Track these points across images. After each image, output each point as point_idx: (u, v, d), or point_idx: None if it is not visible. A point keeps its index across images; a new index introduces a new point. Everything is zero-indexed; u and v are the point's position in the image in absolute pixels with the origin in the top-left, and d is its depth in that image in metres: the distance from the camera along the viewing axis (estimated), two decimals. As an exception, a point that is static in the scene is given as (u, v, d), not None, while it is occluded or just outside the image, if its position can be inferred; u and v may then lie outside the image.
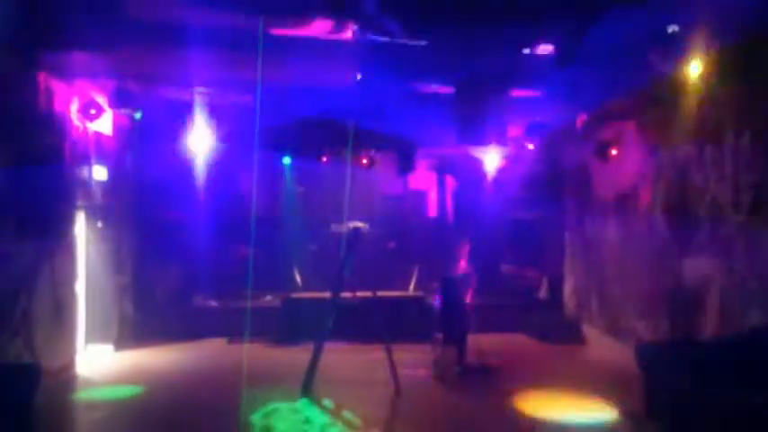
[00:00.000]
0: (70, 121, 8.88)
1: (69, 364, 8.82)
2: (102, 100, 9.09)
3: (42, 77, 8.15)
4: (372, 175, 13.58)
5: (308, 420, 7.19)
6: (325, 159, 12.64)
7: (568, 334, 11.36)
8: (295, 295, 12.05)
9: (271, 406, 7.55)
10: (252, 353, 10.42)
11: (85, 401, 7.74)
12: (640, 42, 6.91)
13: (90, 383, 8.48)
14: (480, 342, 9.66)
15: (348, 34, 7.10)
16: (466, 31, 6.92)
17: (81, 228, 9.56)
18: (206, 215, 12.37)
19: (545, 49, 7.39)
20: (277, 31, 7.02)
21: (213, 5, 6.42)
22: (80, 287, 9.43)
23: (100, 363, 9.54)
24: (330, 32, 7.08)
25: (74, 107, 8.88)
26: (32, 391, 6.11)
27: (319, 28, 6.95)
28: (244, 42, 7.18)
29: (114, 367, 9.39)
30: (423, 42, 7.25)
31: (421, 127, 11.48)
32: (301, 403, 7.74)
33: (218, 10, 6.52)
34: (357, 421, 7.15)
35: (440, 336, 9.23)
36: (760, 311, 6.74)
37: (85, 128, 9.31)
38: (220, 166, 12.50)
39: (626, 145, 9.92)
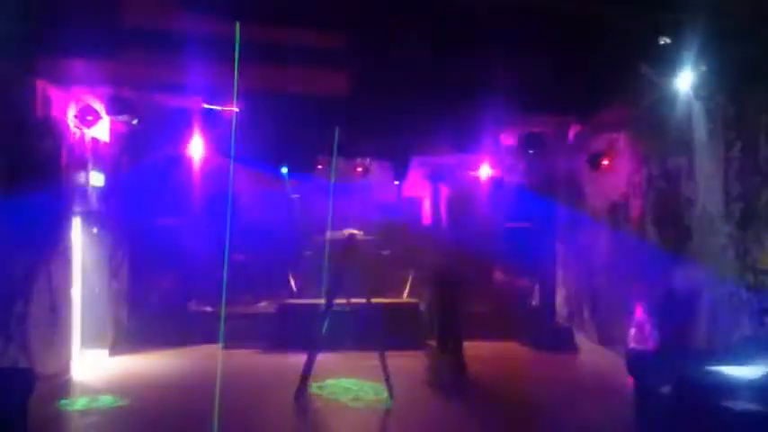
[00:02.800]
0: (67, 127, 8.92)
1: (64, 369, 8.83)
2: (99, 106, 9.13)
3: (40, 84, 8.20)
4: (367, 182, 13.65)
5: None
6: (320, 167, 12.69)
7: (560, 342, 11.41)
8: (290, 302, 12.08)
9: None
10: (246, 359, 10.47)
11: (79, 406, 7.74)
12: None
13: (84, 388, 8.48)
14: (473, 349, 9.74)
15: (340, 42, 7.17)
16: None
17: (77, 233, 9.58)
18: (201, 221, 12.40)
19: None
20: (273, 39, 7.09)
21: (210, 14, 6.48)
22: (75, 292, 9.45)
23: (94, 368, 9.55)
24: (323, 41, 7.15)
25: (71, 113, 8.92)
26: (26, 396, 6.12)
27: (312, 36, 7.02)
28: (240, 50, 7.23)
29: (109, 372, 9.40)
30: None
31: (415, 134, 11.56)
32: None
33: (214, 18, 6.58)
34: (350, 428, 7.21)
35: (433, 342, 9.29)
36: (750, 321, 6.82)
37: (82, 134, 9.35)
38: (216, 173, 12.53)
39: (618, 155, 10.02)
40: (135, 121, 9.28)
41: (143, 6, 6.56)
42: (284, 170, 13.42)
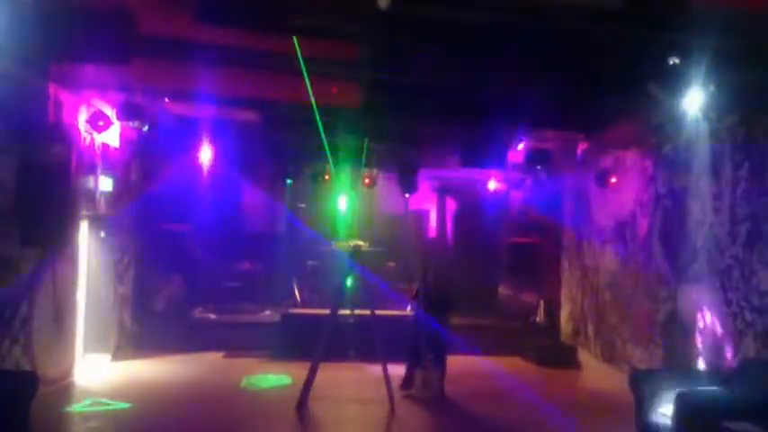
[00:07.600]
0: (78, 131, 8.98)
1: (67, 373, 8.85)
2: (110, 112, 9.20)
3: (52, 88, 8.26)
4: (374, 194, 13.68)
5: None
6: (327, 178, 12.73)
7: (564, 359, 11.39)
8: (294, 311, 12.09)
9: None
10: (248, 368, 10.44)
11: (81, 411, 7.76)
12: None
13: (87, 393, 8.48)
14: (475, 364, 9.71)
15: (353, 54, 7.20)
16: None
17: (84, 237, 9.63)
18: (208, 229, 12.45)
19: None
20: (285, 50, 7.13)
21: (224, 24, 6.53)
22: (80, 296, 9.48)
23: (97, 372, 9.56)
24: (336, 52, 7.19)
25: (82, 118, 8.99)
26: (29, 399, 6.12)
27: (325, 47, 7.06)
28: (252, 60, 7.28)
29: (111, 378, 9.40)
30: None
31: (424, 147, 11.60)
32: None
33: (228, 28, 6.63)
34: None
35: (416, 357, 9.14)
36: (754, 342, 6.80)
37: (93, 139, 9.42)
38: (224, 181, 12.60)
39: (625, 173, 10.02)
40: (146, 128, 9.33)
41: (158, 14, 6.61)
42: (289, 181, 13.51)
